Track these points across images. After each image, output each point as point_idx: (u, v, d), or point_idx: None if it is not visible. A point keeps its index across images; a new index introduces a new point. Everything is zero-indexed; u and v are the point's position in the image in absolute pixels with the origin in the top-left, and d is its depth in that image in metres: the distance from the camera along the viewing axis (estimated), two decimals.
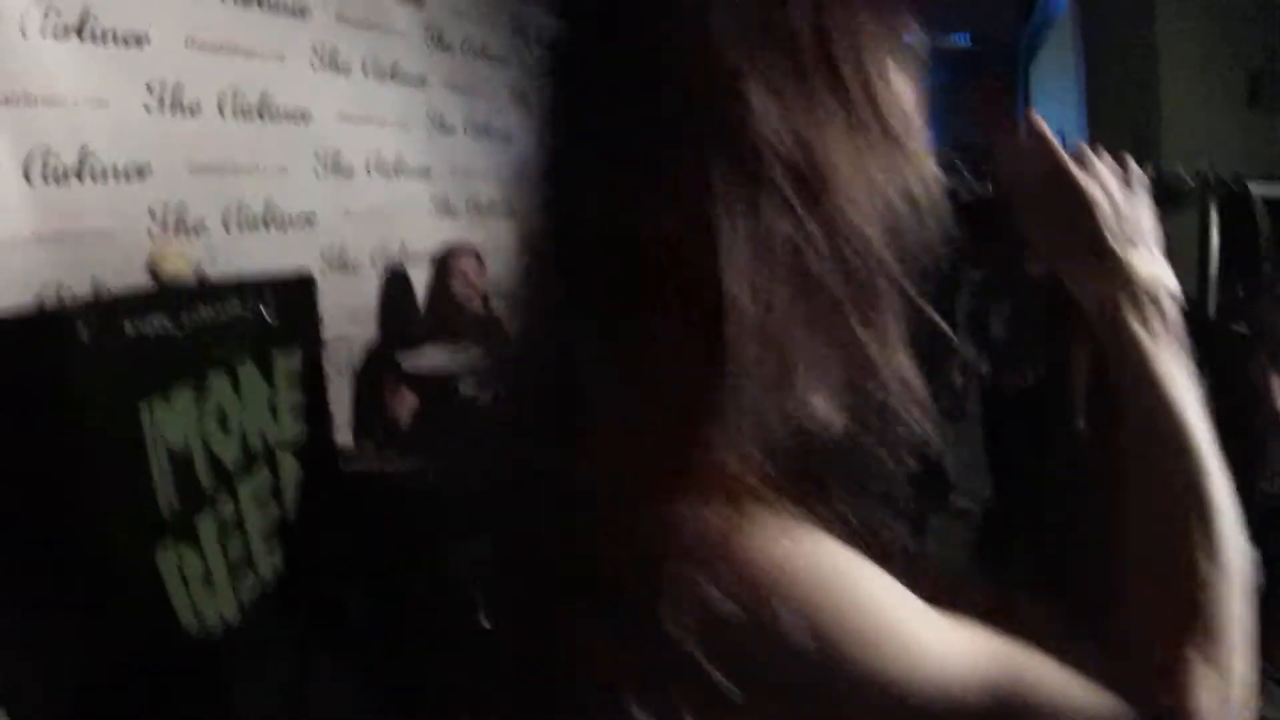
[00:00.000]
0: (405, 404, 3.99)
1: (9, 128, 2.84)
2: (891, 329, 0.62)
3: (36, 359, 1.92)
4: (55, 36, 2.98)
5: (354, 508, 2.79)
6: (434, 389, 3.85)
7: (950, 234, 0.65)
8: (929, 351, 0.65)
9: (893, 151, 0.64)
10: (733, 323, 0.56)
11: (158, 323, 2.09)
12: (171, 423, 2.15)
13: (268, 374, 2.51)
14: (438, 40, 5.16)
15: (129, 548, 2.02)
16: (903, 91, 0.65)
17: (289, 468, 2.60)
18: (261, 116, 3.87)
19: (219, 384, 2.33)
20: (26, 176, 2.89)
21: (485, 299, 4.46)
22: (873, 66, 0.63)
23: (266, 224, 3.90)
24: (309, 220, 4.17)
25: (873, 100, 0.63)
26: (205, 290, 2.34)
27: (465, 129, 5.47)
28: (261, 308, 2.46)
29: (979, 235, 0.87)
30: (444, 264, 4.40)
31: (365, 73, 4.56)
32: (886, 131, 0.63)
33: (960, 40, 8.68)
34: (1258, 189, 4.72)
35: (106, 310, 1.98)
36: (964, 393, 4.54)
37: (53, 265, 2.95)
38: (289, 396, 2.58)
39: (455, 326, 4.28)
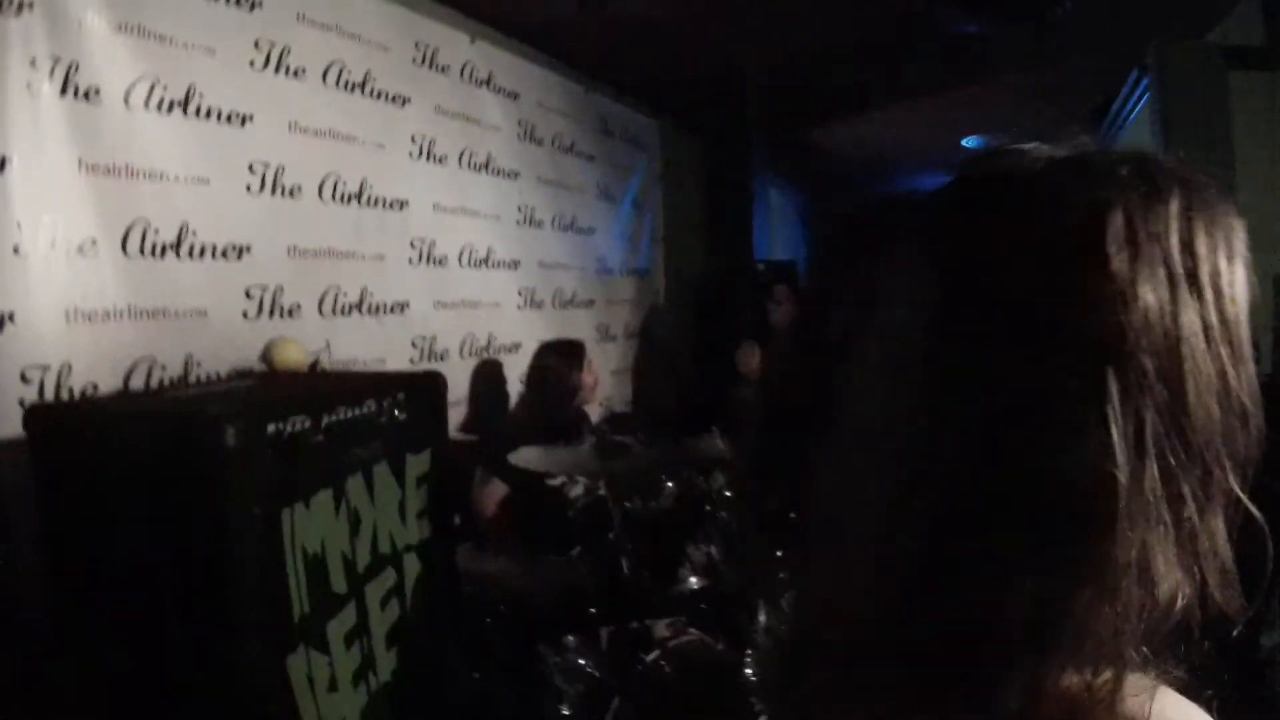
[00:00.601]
0: (493, 499, 3.82)
1: (109, 200, 2.77)
2: (1220, 519, 0.67)
3: (182, 461, 1.78)
4: (160, 111, 2.93)
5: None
6: (527, 486, 3.68)
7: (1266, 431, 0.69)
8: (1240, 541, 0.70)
9: (1233, 350, 0.68)
10: (1115, 512, 0.62)
11: (299, 425, 1.94)
12: (310, 528, 2.00)
13: (400, 475, 2.36)
14: (529, 135, 5.13)
15: (261, 654, 1.85)
16: (1242, 293, 0.69)
17: (413, 569, 2.42)
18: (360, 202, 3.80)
19: (355, 487, 2.18)
20: (124, 249, 2.81)
21: (583, 394, 4.35)
22: (1224, 268, 0.68)
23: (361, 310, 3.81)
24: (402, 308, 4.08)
25: (1220, 299, 0.67)
26: (343, 391, 2.19)
27: (554, 223, 5.41)
28: (395, 410, 2.31)
29: None
30: (550, 362, 4.31)
31: (461, 164, 4.51)
32: (1228, 332, 0.67)
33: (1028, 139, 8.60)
34: None
35: (252, 413, 1.83)
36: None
37: (146, 340, 2.86)
38: (417, 498, 2.42)
39: (553, 423, 4.18)
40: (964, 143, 8.36)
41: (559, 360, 4.25)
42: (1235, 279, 0.69)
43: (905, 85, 6.41)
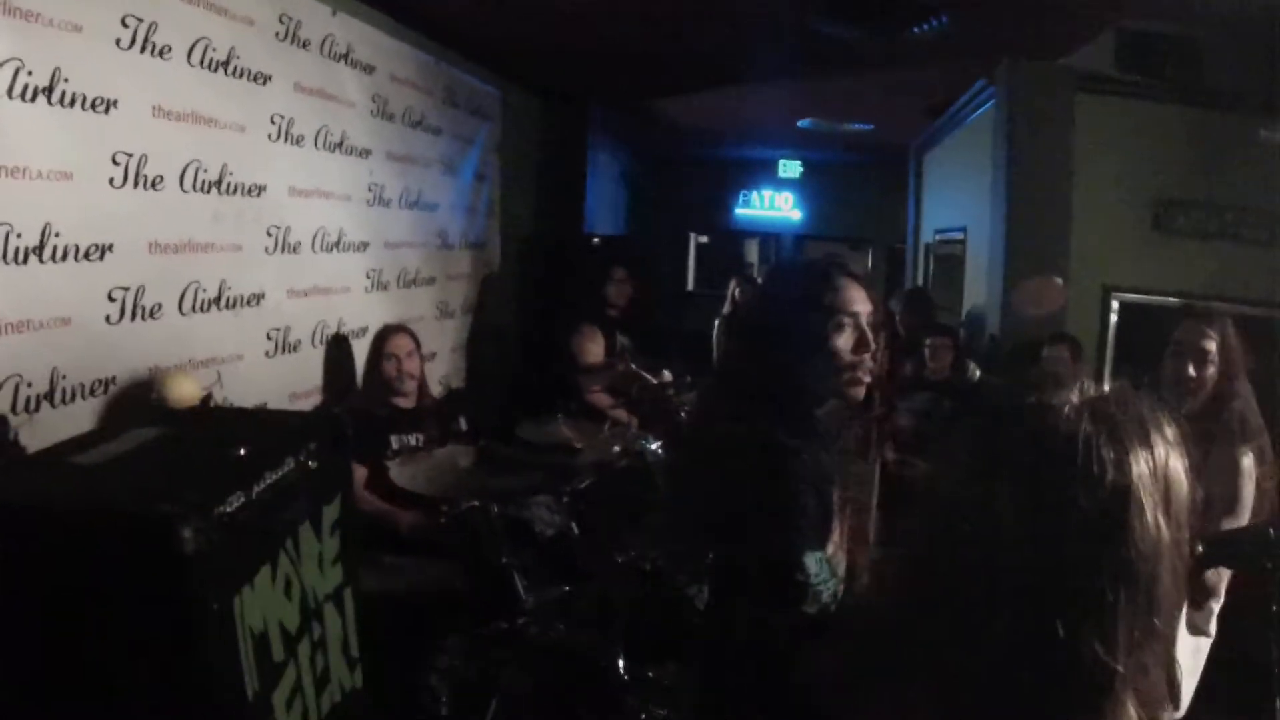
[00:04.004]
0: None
1: None
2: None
3: (134, 567, 1.64)
4: (24, 99, 2.65)
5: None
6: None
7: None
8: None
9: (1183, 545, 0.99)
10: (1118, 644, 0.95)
11: (236, 501, 1.82)
12: (254, 606, 1.88)
13: (318, 529, 2.25)
14: (383, 110, 4.93)
15: None
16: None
17: (332, 619, 2.33)
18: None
19: (286, 553, 2.07)
20: None
21: (418, 379, 4.29)
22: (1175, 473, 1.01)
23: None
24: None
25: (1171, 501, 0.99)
26: (263, 454, 2.06)
27: (400, 200, 5.23)
28: (309, 461, 2.20)
29: None
30: (378, 345, 4.26)
31: (317, 144, 4.29)
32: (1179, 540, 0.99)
33: (863, 126, 8.96)
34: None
35: (202, 504, 1.70)
36: None
37: (11, 357, 2.62)
38: (331, 545, 2.32)
39: (386, 407, 4.13)
40: (799, 124, 8.59)
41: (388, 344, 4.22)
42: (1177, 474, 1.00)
43: (752, 70, 6.52)
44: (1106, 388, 1.05)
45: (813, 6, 4.60)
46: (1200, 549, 2.07)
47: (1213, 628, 3.10)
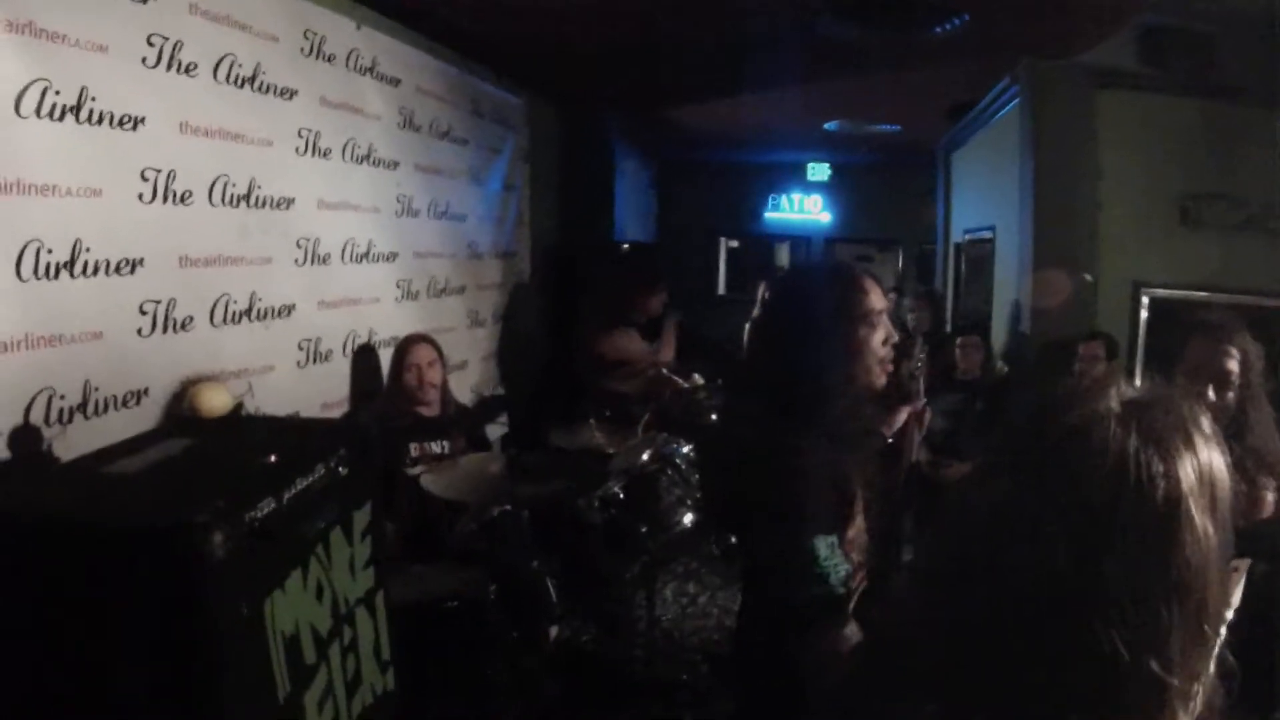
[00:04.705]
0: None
1: (1, 220, 2.55)
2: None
3: (165, 574, 1.67)
4: (52, 118, 2.70)
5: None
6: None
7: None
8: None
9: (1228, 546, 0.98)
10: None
11: (267, 507, 1.85)
12: (286, 610, 1.92)
13: (349, 534, 2.29)
14: (409, 122, 4.98)
15: None
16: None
17: (364, 622, 2.36)
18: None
19: (317, 557, 2.10)
20: (19, 273, 2.60)
21: (439, 388, 4.31)
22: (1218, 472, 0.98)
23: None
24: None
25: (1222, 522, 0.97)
26: (293, 461, 2.09)
27: (429, 211, 5.28)
28: (340, 467, 2.23)
29: None
30: (400, 356, 4.27)
31: (344, 157, 4.34)
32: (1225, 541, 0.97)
33: (889, 128, 8.93)
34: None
35: (230, 510, 1.73)
36: None
37: (44, 370, 2.67)
38: (362, 549, 2.35)
39: (408, 416, 4.16)
40: (826, 126, 8.56)
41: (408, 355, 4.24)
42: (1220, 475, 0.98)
43: (769, 74, 6.51)
44: (1140, 385, 1.03)
45: (832, 10, 4.59)
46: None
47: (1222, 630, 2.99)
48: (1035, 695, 0.94)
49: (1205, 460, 0.96)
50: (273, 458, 2.09)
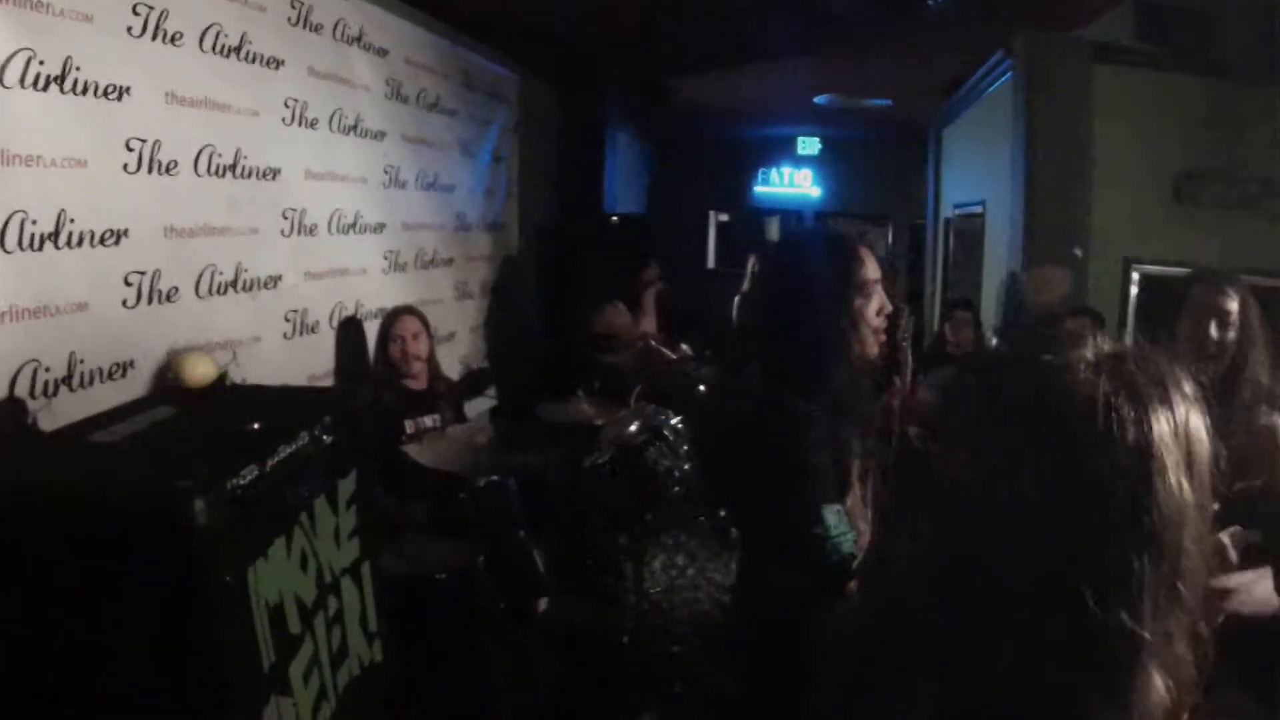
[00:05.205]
0: None
1: None
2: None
3: (147, 540, 1.67)
4: (36, 88, 2.68)
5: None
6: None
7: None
8: None
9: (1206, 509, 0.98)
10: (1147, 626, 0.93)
11: (250, 475, 1.85)
12: (269, 578, 1.93)
13: (334, 503, 2.29)
14: (397, 93, 4.95)
15: (242, 713, 1.78)
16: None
17: (350, 592, 2.37)
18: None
19: (301, 526, 2.11)
20: (3, 244, 2.58)
21: (426, 360, 4.30)
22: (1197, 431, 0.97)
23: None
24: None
25: (1194, 463, 0.96)
26: (277, 429, 2.09)
27: (417, 182, 5.26)
28: (324, 435, 2.23)
29: None
30: (385, 328, 4.28)
31: (331, 127, 4.31)
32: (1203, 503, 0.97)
33: (881, 102, 8.90)
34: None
35: (214, 477, 1.73)
36: None
37: (30, 342, 2.66)
38: (347, 519, 2.36)
39: (396, 390, 4.16)
40: (816, 100, 8.53)
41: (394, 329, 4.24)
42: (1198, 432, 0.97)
43: (765, 47, 6.48)
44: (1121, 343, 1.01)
45: None
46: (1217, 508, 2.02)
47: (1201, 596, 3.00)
48: (1013, 650, 0.93)
49: (1182, 417, 0.94)
50: (256, 425, 2.10)
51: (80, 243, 2.85)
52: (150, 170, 3.14)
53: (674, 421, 4.75)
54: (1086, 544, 0.91)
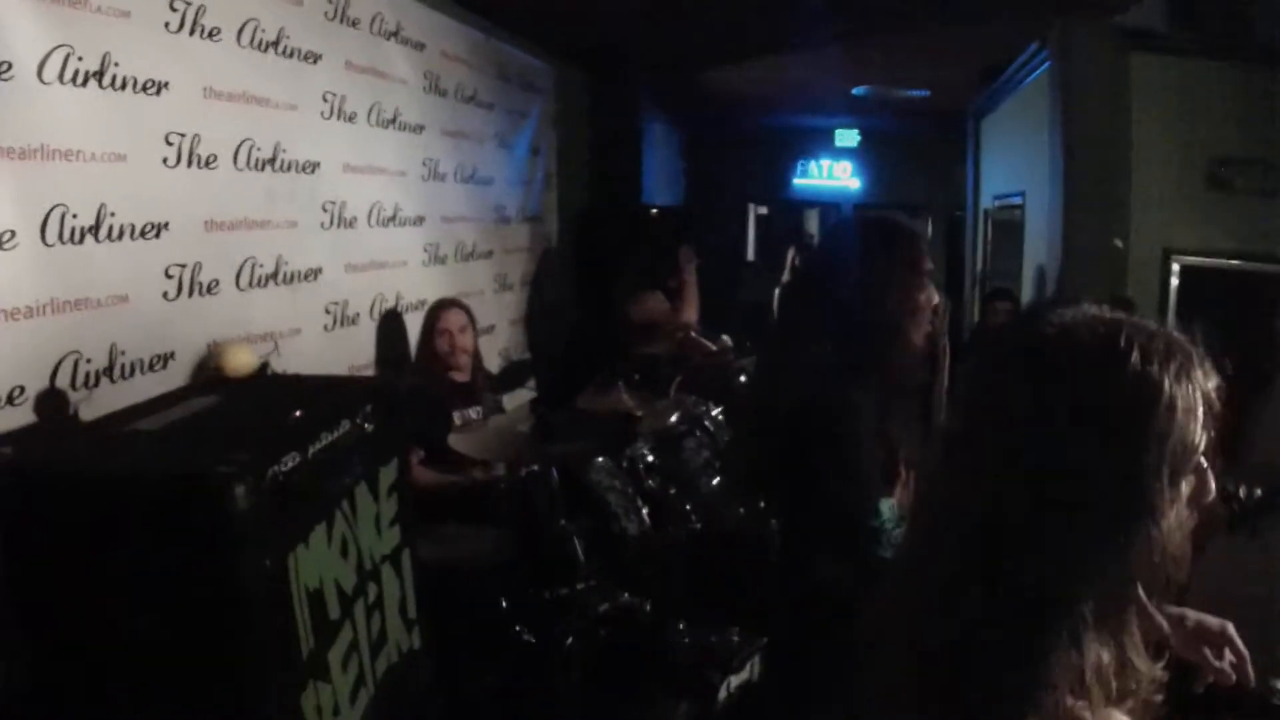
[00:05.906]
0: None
1: (27, 185, 2.56)
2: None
3: (187, 526, 1.69)
4: (75, 83, 2.71)
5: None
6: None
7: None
8: None
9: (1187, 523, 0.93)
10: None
11: (291, 462, 1.86)
12: (310, 565, 1.94)
13: (375, 491, 2.30)
14: (434, 86, 4.96)
15: (280, 707, 1.80)
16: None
17: (389, 578, 2.38)
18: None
19: (342, 513, 2.12)
20: (44, 238, 2.61)
21: (471, 353, 4.31)
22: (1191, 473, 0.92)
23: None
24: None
25: (1202, 490, 0.94)
26: (319, 417, 2.10)
27: (455, 175, 5.28)
28: (365, 424, 2.24)
29: None
30: (431, 321, 4.30)
31: (370, 121, 4.33)
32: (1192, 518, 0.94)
33: (918, 93, 8.81)
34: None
35: (255, 463, 1.75)
36: None
37: (70, 333, 2.69)
38: (388, 507, 2.37)
39: (439, 382, 4.18)
40: (854, 92, 8.46)
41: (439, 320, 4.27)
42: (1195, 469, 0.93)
43: (799, 35, 6.44)
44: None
45: None
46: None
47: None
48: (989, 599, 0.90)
49: (1199, 380, 0.91)
50: (298, 413, 2.10)
51: (120, 236, 2.88)
52: (190, 164, 3.16)
53: (714, 412, 4.74)
54: (1068, 488, 0.88)
